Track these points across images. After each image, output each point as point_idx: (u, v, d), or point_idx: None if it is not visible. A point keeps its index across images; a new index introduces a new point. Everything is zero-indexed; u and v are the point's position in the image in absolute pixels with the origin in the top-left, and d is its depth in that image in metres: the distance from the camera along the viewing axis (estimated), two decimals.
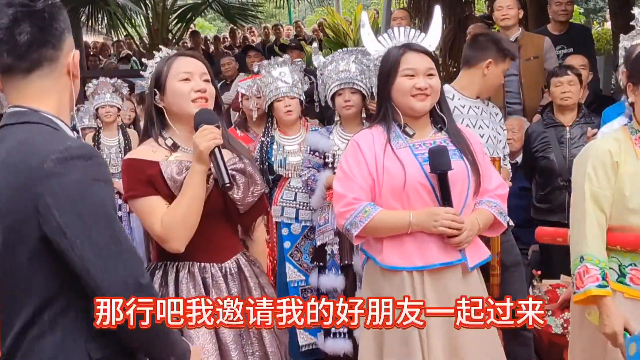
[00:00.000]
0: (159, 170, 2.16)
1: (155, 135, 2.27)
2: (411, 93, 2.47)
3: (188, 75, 2.24)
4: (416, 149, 2.49)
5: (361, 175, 2.43)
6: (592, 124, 4.07)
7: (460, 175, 2.46)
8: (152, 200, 2.15)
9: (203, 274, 2.21)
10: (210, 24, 23.93)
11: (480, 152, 2.59)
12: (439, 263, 2.42)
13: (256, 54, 7.69)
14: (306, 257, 3.66)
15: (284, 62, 3.83)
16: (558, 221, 4.03)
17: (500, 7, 4.99)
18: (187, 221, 2.13)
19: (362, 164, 2.46)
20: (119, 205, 5.67)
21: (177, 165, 2.18)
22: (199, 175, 2.13)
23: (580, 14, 14.79)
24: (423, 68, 2.49)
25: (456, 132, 2.55)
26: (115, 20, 9.87)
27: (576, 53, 5.26)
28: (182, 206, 2.12)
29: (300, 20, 15.44)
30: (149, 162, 2.18)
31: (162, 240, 2.15)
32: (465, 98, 3.29)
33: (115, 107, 5.63)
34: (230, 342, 2.15)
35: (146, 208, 2.16)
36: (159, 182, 2.15)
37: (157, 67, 2.31)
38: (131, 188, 2.19)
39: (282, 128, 3.82)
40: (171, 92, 2.23)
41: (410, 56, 2.53)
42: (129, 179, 2.20)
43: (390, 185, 2.43)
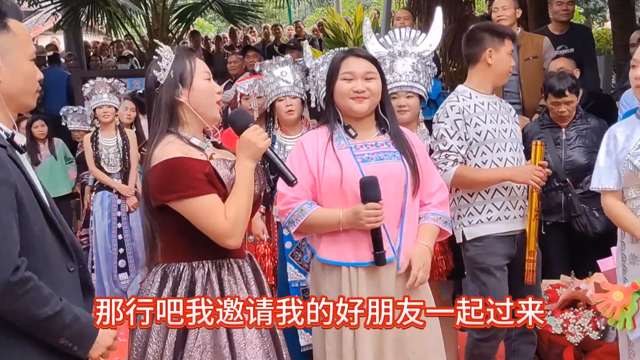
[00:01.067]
0: (212, 168, 2.18)
1: (177, 133, 2.24)
2: (349, 96, 2.59)
3: (209, 75, 2.29)
4: (357, 149, 2.61)
5: (301, 175, 2.53)
6: (588, 124, 4.07)
7: (397, 176, 2.58)
8: (214, 198, 2.15)
9: (241, 271, 2.26)
10: (210, 23, 23.94)
11: (422, 155, 2.70)
12: (370, 262, 2.52)
13: (255, 54, 7.68)
14: (307, 257, 3.66)
15: (286, 61, 3.83)
16: (555, 221, 4.03)
17: (496, 9, 5.00)
18: (247, 217, 2.20)
19: (303, 164, 2.60)
20: (119, 205, 5.69)
21: (224, 163, 2.22)
22: (251, 172, 2.19)
23: (580, 13, 14.79)
24: (361, 72, 2.60)
25: (398, 134, 2.66)
26: (115, 20, 9.87)
27: (577, 53, 5.26)
28: (242, 202, 2.16)
29: (300, 20, 15.44)
30: (198, 161, 2.17)
31: (226, 236, 2.14)
32: (483, 95, 3.29)
33: (113, 107, 5.62)
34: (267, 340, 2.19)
35: (208, 206, 2.13)
36: (215, 180, 2.17)
37: (179, 62, 2.26)
38: (192, 186, 2.13)
39: (284, 128, 3.82)
40: (199, 89, 2.24)
41: (350, 61, 2.63)
42: (182, 178, 2.13)
43: (329, 184, 2.56)
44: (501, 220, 3.21)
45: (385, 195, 2.50)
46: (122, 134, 5.70)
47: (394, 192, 2.56)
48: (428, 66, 3.52)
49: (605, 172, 2.87)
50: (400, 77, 3.41)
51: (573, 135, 4.07)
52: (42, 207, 1.82)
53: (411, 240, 2.59)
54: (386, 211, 2.51)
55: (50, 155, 6.77)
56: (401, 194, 2.58)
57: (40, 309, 1.72)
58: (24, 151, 1.85)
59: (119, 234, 5.66)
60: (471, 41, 3.35)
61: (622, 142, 2.84)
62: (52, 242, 1.83)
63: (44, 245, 1.80)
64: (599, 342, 3.49)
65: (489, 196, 3.20)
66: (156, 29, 9.31)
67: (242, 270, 2.25)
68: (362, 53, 2.71)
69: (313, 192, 2.59)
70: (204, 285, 2.17)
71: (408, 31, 3.64)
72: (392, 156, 2.61)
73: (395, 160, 2.60)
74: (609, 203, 2.88)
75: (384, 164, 2.59)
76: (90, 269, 5.76)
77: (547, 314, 3.50)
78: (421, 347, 2.53)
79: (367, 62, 2.64)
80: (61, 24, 9.69)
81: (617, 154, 2.84)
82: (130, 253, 5.67)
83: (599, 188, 2.90)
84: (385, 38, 3.66)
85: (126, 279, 5.64)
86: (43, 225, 1.80)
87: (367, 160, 2.58)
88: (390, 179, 2.56)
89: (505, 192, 3.21)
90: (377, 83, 2.62)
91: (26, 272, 1.71)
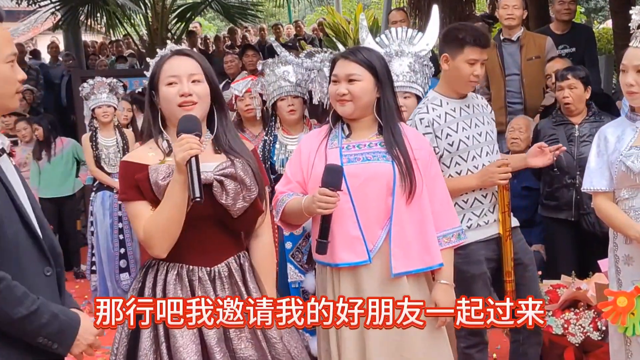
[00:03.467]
0: (147, 174, 2.16)
1: (155, 136, 2.27)
2: (335, 98, 2.63)
3: (174, 79, 2.23)
4: (348, 149, 2.63)
5: (292, 171, 2.67)
6: (602, 122, 4.06)
7: (382, 177, 2.57)
8: (138, 205, 2.18)
9: (190, 277, 2.22)
10: (210, 23, 23.93)
11: (422, 159, 2.64)
12: (345, 263, 2.56)
13: (254, 54, 7.65)
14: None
15: (288, 60, 3.80)
16: (565, 219, 4.02)
17: (506, 6, 4.96)
18: (167, 230, 2.14)
19: (297, 161, 2.69)
20: (119, 204, 5.68)
21: (165, 170, 2.17)
22: (178, 184, 2.11)
23: (581, 13, 14.78)
24: (343, 74, 2.61)
25: (393, 136, 2.61)
26: (115, 19, 9.85)
27: (578, 52, 5.26)
28: (162, 215, 2.13)
29: (300, 20, 15.43)
30: (140, 166, 2.19)
31: (144, 245, 2.21)
32: (454, 100, 3.16)
33: (112, 107, 5.61)
34: (215, 344, 2.14)
35: (133, 212, 2.20)
36: (145, 186, 2.16)
37: (152, 68, 2.32)
38: (122, 191, 2.24)
39: (285, 127, 3.80)
40: (161, 96, 2.25)
41: (338, 63, 2.66)
42: (122, 182, 2.24)
43: (314, 181, 2.57)
44: (481, 226, 3.13)
45: (367, 196, 2.54)
46: (121, 133, 5.70)
47: (376, 193, 2.57)
48: (425, 66, 3.50)
49: (597, 173, 2.85)
50: (397, 78, 3.36)
51: (586, 132, 4.08)
52: (18, 210, 1.81)
53: (404, 246, 2.56)
54: (366, 213, 2.54)
55: (53, 156, 6.70)
56: (385, 196, 2.56)
57: (14, 308, 1.71)
58: (2, 154, 1.84)
59: (120, 233, 5.66)
60: (439, 43, 3.30)
61: (613, 143, 2.82)
62: (27, 246, 1.81)
63: (18, 248, 1.79)
64: (600, 342, 3.48)
65: (467, 205, 3.12)
66: (155, 29, 9.29)
67: (191, 277, 2.21)
68: (352, 56, 2.64)
69: (304, 188, 2.64)
70: (152, 284, 2.22)
71: (404, 30, 3.62)
72: (380, 157, 2.60)
73: (383, 162, 2.59)
74: (600, 204, 2.87)
75: (369, 165, 2.59)
76: (90, 269, 5.77)
77: (547, 315, 3.50)
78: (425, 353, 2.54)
79: (354, 64, 2.60)
80: (60, 24, 9.67)
81: (608, 155, 2.83)
82: (131, 253, 5.68)
83: (590, 189, 2.89)
84: (381, 38, 3.65)
85: (127, 278, 5.63)
86: (18, 229, 1.79)
87: (352, 160, 2.60)
88: (373, 180, 2.57)
89: (485, 200, 3.13)
90: (362, 85, 2.58)
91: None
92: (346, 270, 2.57)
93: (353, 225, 2.55)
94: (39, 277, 1.84)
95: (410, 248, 2.58)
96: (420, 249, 2.60)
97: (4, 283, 1.71)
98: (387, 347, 2.51)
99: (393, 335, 2.47)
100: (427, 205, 2.62)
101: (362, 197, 2.55)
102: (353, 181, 2.55)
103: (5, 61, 1.82)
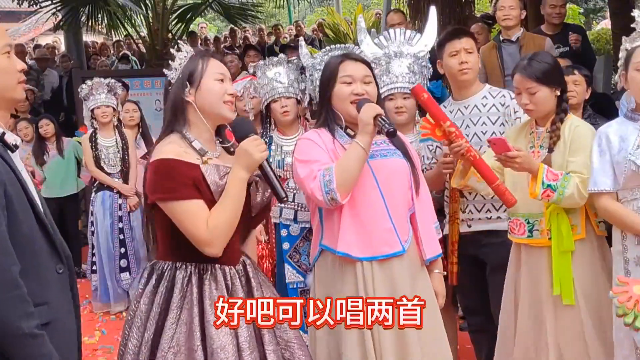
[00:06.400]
0: (201, 174, 2.16)
1: (181, 133, 2.25)
2: (350, 99, 2.61)
3: (222, 76, 2.28)
4: None
5: (317, 154, 2.56)
6: (597, 124, 4.06)
7: (402, 172, 2.65)
8: (197, 204, 2.14)
9: (225, 278, 2.22)
10: (210, 23, 23.95)
11: (414, 156, 2.78)
12: (383, 255, 2.56)
13: (256, 54, 7.64)
14: (305, 258, 3.65)
15: (279, 62, 3.77)
16: None
17: (502, 7, 5.00)
18: (231, 227, 2.16)
19: (317, 147, 2.59)
20: (120, 204, 5.70)
21: (217, 169, 2.19)
22: (242, 182, 2.16)
23: (579, 13, 14.78)
24: (360, 75, 2.64)
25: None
26: (115, 20, 9.86)
27: (572, 51, 5.28)
28: (227, 212, 2.14)
29: (300, 20, 15.44)
30: (189, 164, 2.16)
31: (204, 244, 2.13)
32: (454, 102, 3.33)
33: (111, 107, 5.63)
34: (244, 342, 2.14)
35: (190, 211, 2.13)
36: (202, 185, 2.15)
37: (192, 62, 2.28)
38: (172, 189, 2.13)
39: (281, 128, 3.80)
40: (207, 88, 2.24)
41: (347, 64, 2.66)
42: (170, 180, 2.14)
43: None
44: (465, 221, 3.27)
45: (393, 190, 2.59)
46: (121, 133, 5.71)
47: (399, 186, 2.64)
48: (424, 67, 3.51)
49: (600, 173, 2.79)
50: (396, 79, 3.40)
51: None
52: (33, 207, 1.81)
53: (425, 234, 2.69)
54: (395, 205, 2.59)
55: (57, 155, 6.72)
56: (407, 190, 2.66)
57: (18, 320, 1.66)
58: (14, 150, 1.85)
59: (120, 233, 5.68)
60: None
61: (617, 143, 2.76)
62: (41, 242, 1.81)
63: (33, 244, 1.78)
64: None
65: None
66: (156, 29, 9.30)
67: (226, 277, 2.22)
68: (357, 57, 2.76)
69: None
70: (184, 287, 2.17)
71: (403, 31, 3.64)
72: (394, 153, 2.68)
73: (398, 157, 2.68)
74: (607, 205, 2.79)
75: (388, 160, 2.66)
76: (90, 269, 5.78)
77: None
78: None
79: (364, 65, 2.69)
80: (61, 24, 9.68)
81: (612, 155, 2.77)
82: (131, 252, 5.69)
83: (595, 190, 2.80)
84: (380, 39, 3.66)
85: (128, 278, 5.66)
86: (32, 225, 1.79)
87: (372, 156, 2.59)
88: (396, 173, 2.64)
89: (470, 196, 3.27)
90: (374, 87, 2.68)
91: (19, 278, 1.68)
92: (378, 263, 2.56)
93: (385, 218, 2.58)
94: (52, 273, 1.83)
95: (429, 237, 2.72)
96: (432, 238, 2.75)
97: (19, 291, 1.68)
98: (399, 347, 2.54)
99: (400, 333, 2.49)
100: (428, 199, 2.75)
101: (389, 190, 2.60)
102: (380, 176, 2.60)
103: (2, 52, 1.83)
